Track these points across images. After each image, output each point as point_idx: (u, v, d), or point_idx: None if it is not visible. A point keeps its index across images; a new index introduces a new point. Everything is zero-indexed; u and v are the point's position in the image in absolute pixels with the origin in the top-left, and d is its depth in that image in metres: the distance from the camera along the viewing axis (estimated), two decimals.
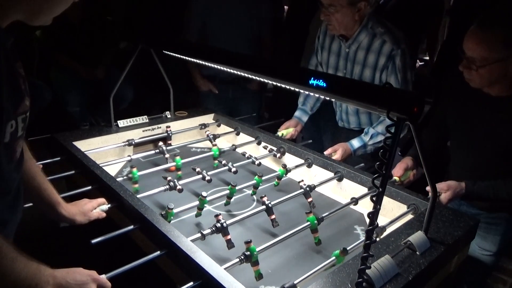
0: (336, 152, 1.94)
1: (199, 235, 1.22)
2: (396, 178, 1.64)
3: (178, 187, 1.50)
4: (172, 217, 1.37)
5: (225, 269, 1.06)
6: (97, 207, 1.36)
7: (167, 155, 1.86)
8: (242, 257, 1.12)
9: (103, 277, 1.02)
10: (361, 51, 1.97)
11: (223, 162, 1.76)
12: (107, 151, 1.90)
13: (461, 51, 1.45)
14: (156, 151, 1.88)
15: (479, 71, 1.41)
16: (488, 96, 1.50)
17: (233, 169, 1.71)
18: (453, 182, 1.51)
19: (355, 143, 2.02)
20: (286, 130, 2.16)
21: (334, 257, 1.16)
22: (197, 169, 1.65)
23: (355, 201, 1.49)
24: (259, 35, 2.88)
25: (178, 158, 1.75)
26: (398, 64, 1.89)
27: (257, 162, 1.82)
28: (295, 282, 1.03)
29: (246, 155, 1.88)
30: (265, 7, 2.86)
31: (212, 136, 2.06)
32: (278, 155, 1.91)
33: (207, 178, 1.60)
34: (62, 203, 1.26)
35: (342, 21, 1.90)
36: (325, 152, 1.94)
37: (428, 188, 1.40)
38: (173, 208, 1.34)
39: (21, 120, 0.91)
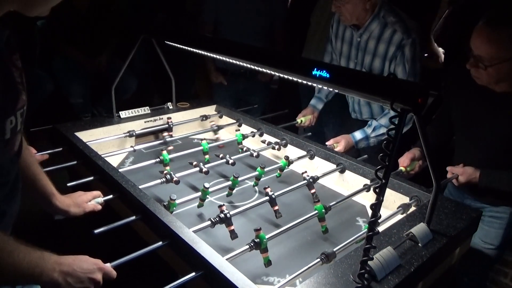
0: (339, 143, 1.94)
1: (201, 225, 1.22)
2: (402, 168, 1.64)
3: (175, 179, 1.50)
4: (174, 208, 1.37)
5: (227, 259, 1.06)
6: (92, 200, 1.35)
7: (170, 147, 1.90)
8: (252, 244, 1.13)
9: (108, 265, 1.03)
10: (372, 41, 1.95)
11: (221, 155, 1.75)
12: (109, 141, 1.90)
13: (468, 48, 1.43)
14: (160, 141, 1.94)
15: (487, 70, 1.40)
16: (493, 93, 1.49)
17: (231, 161, 1.69)
18: (470, 169, 1.53)
19: (358, 135, 2.01)
20: (305, 117, 2.22)
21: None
22: (194, 163, 1.64)
23: (368, 187, 1.53)
24: (271, 29, 2.90)
25: (165, 153, 1.67)
26: (407, 55, 1.86)
27: (255, 154, 1.81)
28: (297, 273, 1.03)
29: (244, 148, 1.87)
30: (278, 2, 2.86)
31: (216, 127, 2.10)
32: (277, 147, 1.90)
33: (204, 169, 1.59)
34: (56, 194, 1.25)
35: (353, 12, 1.88)
36: (327, 143, 1.93)
37: (449, 168, 1.50)
38: (176, 199, 1.34)
39: (19, 115, 0.90)
